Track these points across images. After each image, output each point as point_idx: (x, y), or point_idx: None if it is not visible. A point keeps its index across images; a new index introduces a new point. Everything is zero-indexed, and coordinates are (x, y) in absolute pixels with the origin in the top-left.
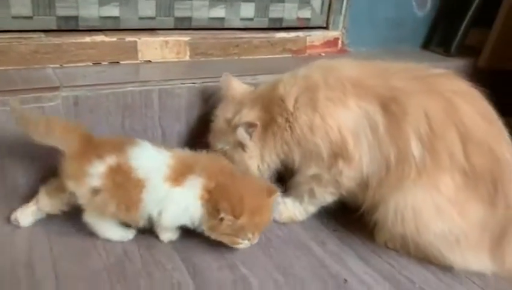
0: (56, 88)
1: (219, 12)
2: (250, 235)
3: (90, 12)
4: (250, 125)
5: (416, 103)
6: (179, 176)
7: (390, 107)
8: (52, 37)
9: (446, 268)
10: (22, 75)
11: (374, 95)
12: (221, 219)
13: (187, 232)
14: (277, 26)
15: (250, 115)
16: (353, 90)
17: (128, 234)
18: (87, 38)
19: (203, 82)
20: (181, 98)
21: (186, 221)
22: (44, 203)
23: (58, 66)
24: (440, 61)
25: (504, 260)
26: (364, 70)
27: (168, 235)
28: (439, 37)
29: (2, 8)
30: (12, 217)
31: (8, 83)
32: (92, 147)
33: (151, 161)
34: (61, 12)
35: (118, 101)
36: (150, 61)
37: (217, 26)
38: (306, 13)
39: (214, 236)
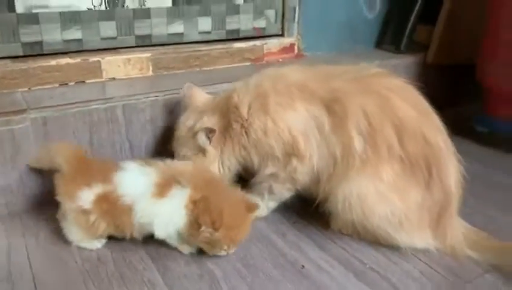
0: (24, 111)
1: (178, 28)
2: (225, 247)
3: (54, 36)
4: (209, 131)
5: (355, 102)
6: (164, 188)
7: (333, 107)
8: (19, 63)
9: (394, 248)
10: None
11: (318, 98)
12: (201, 231)
13: None
14: (235, 37)
15: (209, 121)
16: (299, 95)
17: (98, 244)
18: (53, 62)
19: (165, 95)
20: (145, 111)
21: (174, 229)
22: None
23: (26, 89)
24: (391, 58)
25: (445, 236)
26: (308, 76)
27: (184, 246)
28: (390, 36)
29: None
30: None
31: None
32: (82, 173)
33: (137, 185)
34: (26, 38)
35: (84, 118)
36: (114, 78)
37: (177, 41)
38: (261, 23)
39: (192, 242)
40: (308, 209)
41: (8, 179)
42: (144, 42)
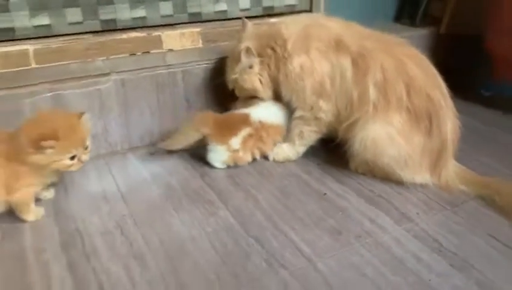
0: (108, 74)
1: (222, 6)
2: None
3: (125, 15)
4: (247, 49)
5: (376, 60)
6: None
7: (358, 61)
8: (98, 37)
9: (399, 183)
10: (80, 67)
11: (348, 52)
12: None
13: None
14: (270, 13)
15: (251, 44)
16: (335, 46)
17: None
18: (124, 36)
19: (214, 62)
20: (199, 76)
21: None
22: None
23: (104, 58)
24: (407, 31)
25: (440, 175)
26: (346, 32)
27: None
28: (407, 11)
29: (60, 17)
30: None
31: (73, 73)
32: (226, 128)
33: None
34: (103, 17)
35: (152, 81)
36: (172, 49)
37: (222, 17)
38: (292, 1)
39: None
40: (330, 155)
41: (95, 127)
42: (195, 19)
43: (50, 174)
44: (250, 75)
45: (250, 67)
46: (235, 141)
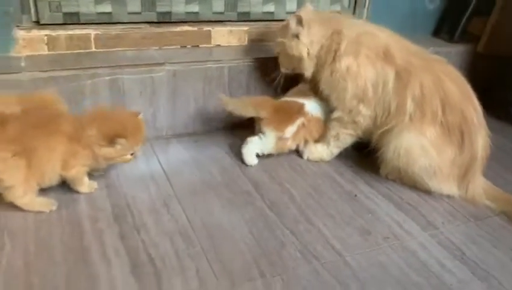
0: (162, 64)
1: (270, 7)
2: None
3: (179, 9)
4: (299, 19)
5: (417, 75)
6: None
7: (401, 74)
8: (154, 27)
9: (427, 191)
10: (135, 54)
11: (394, 63)
12: None
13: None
14: None
15: (317, 32)
16: (383, 56)
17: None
18: (177, 28)
19: (258, 60)
20: (243, 72)
21: None
22: None
23: (157, 48)
24: (445, 46)
25: (467, 189)
26: (394, 44)
27: None
28: (446, 26)
29: (121, 7)
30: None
31: (129, 59)
32: (284, 115)
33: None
34: (160, 9)
35: (200, 74)
36: (219, 45)
37: (268, 18)
38: (337, 7)
39: None
40: (361, 159)
41: (146, 113)
42: (243, 18)
43: (105, 162)
44: (298, 44)
45: (297, 36)
46: (290, 130)
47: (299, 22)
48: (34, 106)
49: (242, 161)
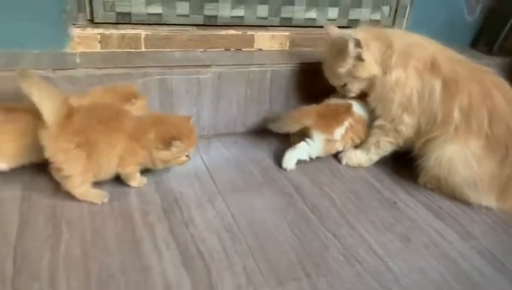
0: (209, 66)
1: (312, 14)
2: None
3: (225, 13)
4: (357, 41)
5: (465, 86)
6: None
7: (449, 84)
8: (200, 30)
9: (466, 202)
10: (182, 55)
11: (441, 74)
12: None
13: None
14: (354, 25)
15: (373, 47)
16: (430, 67)
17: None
18: (223, 32)
19: (300, 65)
20: (285, 77)
21: None
22: None
23: (203, 50)
24: (484, 59)
25: (506, 201)
26: (440, 55)
27: None
28: (485, 39)
29: (171, 9)
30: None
31: (177, 60)
32: (331, 118)
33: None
34: (207, 12)
35: (244, 77)
36: (261, 49)
37: (310, 24)
38: (377, 16)
39: None
40: (400, 167)
41: (190, 112)
42: (286, 23)
43: (162, 165)
44: (364, 64)
45: (359, 58)
46: (339, 131)
47: (358, 44)
48: (112, 98)
49: (280, 164)
